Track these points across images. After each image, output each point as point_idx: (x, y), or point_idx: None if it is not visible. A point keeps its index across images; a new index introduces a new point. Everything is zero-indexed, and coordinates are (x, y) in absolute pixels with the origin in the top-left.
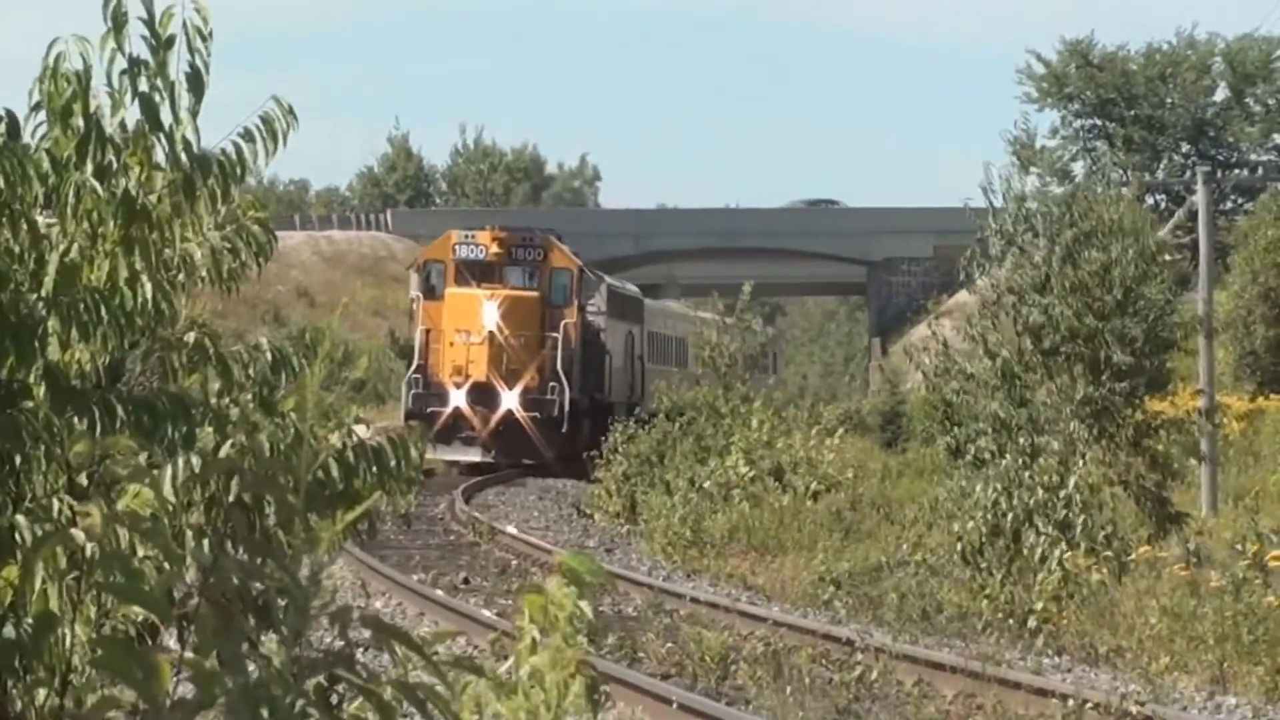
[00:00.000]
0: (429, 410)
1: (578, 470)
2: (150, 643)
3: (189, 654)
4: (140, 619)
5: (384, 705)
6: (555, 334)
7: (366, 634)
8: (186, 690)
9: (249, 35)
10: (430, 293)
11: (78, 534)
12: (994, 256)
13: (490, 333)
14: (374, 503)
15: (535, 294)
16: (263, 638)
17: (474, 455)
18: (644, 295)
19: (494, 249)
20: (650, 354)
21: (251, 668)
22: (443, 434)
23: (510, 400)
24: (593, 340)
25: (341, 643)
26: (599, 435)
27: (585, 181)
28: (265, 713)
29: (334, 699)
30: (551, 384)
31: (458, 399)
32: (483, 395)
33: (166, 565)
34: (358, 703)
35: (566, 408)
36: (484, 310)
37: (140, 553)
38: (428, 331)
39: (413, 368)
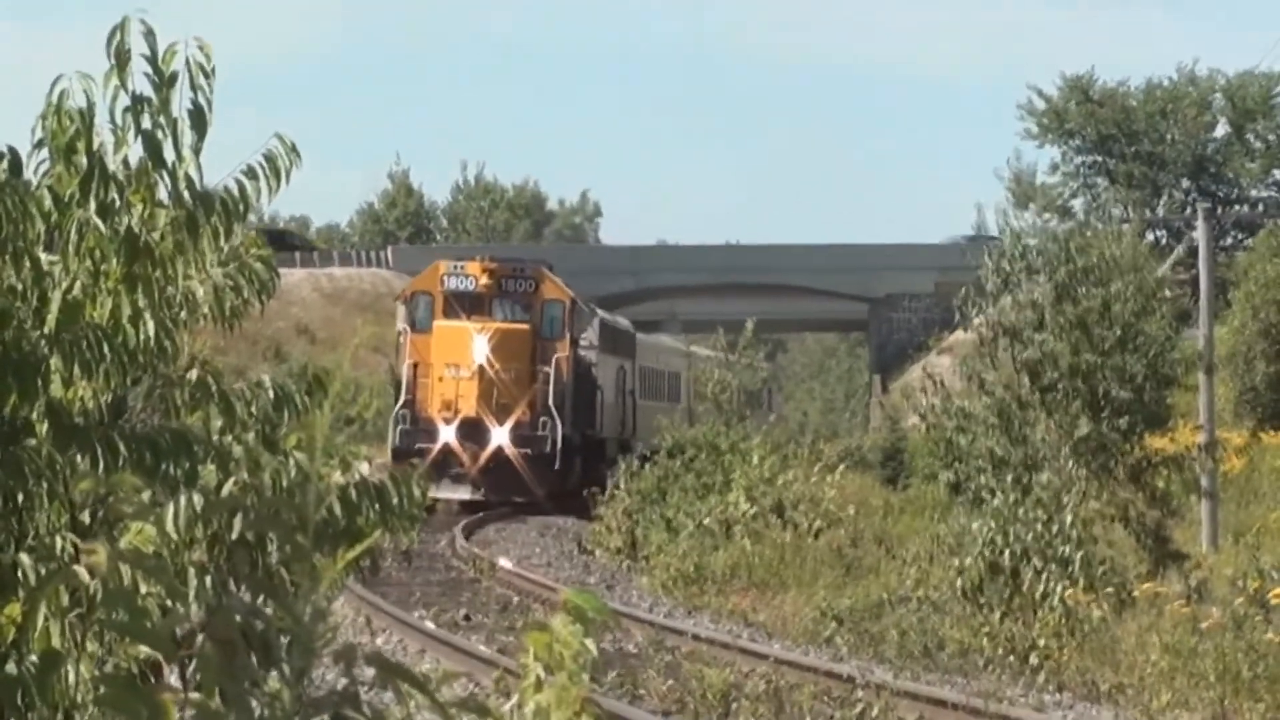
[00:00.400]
0: (417, 446)
1: (570, 508)
2: (153, 681)
3: (193, 693)
4: (143, 657)
5: None
6: (547, 368)
7: (371, 672)
8: None
9: (249, 73)
10: (418, 325)
11: (82, 571)
12: (990, 294)
13: (480, 367)
14: (377, 540)
15: (526, 327)
16: (267, 676)
17: (464, 493)
18: (644, 331)
19: (484, 280)
20: (642, 389)
21: (255, 705)
22: (431, 471)
23: (501, 436)
24: (585, 374)
25: (346, 681)
26: (590, 472)
27: (586, 218)
28: None
29: None
30: (543, 419)
31: (447, 435)
32: (472, 431)
33: (169, 603)
34: None
35: (559, 444)
36: (474, 343)
37: (144, 590)
38: (415, 365)
39: (400, 403)
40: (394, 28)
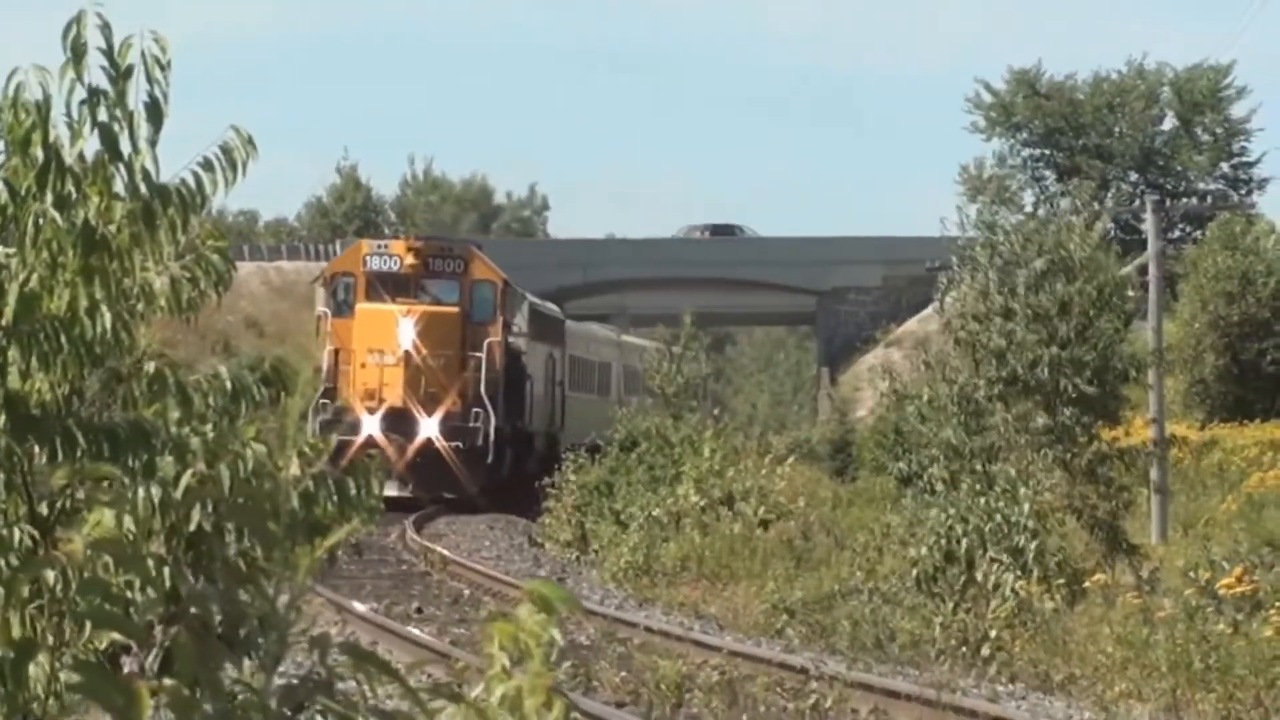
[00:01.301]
0: (337, 439)
1: (504, 504)
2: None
3: (167, 680)
4: (102, 648)
5: None
6: (478, 354)
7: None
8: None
9: (198, 66)
10: (339, 309)
11: (61, 559)
12: (956, 283)
13: (406, 353)
14: (354, 530)
15: (456, 310)
16: (240, 663)
17: (390, 490)
18: (594, 324)
19: (409, 260)
20: (571, 380)
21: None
22: None
23: (429, 428)
24: (514, 363)
25: (319, 668)
26: (519, 468)
27: (534, 211)
28: None
29: None
30: (475, 410)
31: (370, 427)
32: (398, 422)
33: (131, 593)
34: None
35: (492, 436)
36: (399, 328)
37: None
38: (336, 351)
39: (319, 392)
40: (338, 16)
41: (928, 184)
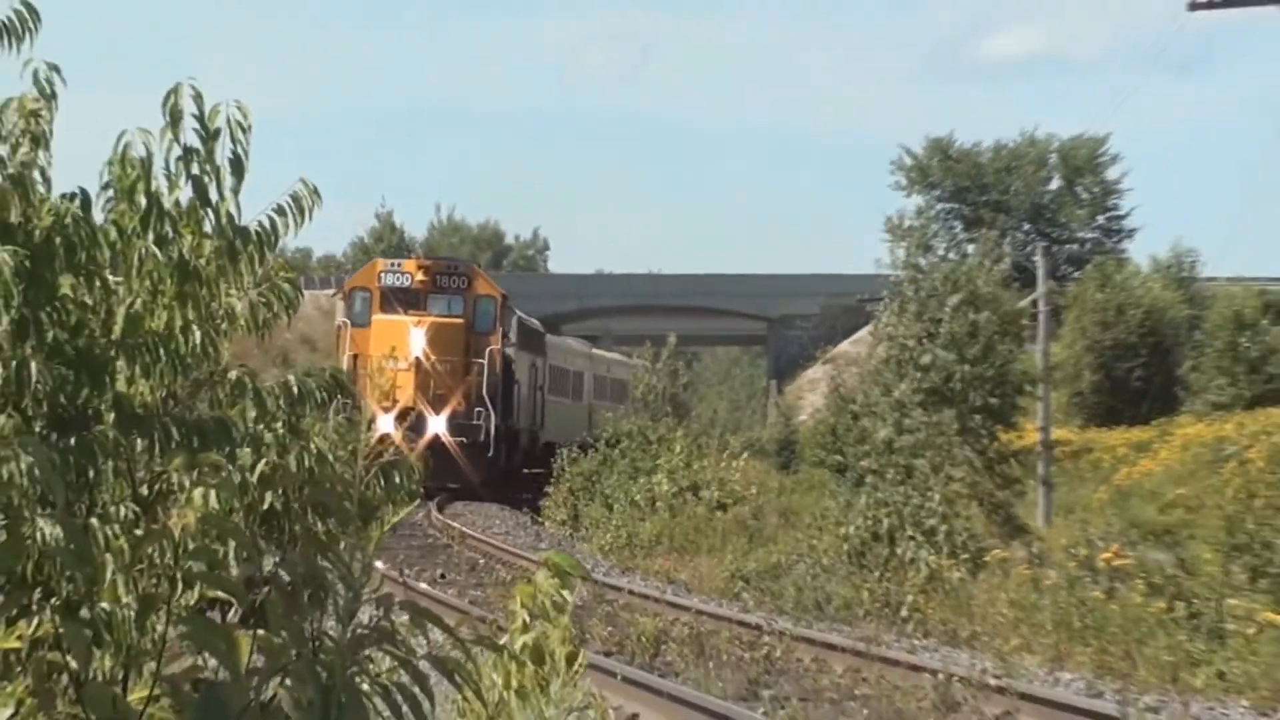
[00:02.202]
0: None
1: (499, 492)
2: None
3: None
4: (194, 602)
5: (419, 674)
6: (480, 360)
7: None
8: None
9: (272, 130)
10: (356, 320)
11: (172, 532)
12: (889, 310)
13: (417, 359)
14: (410, 512)
15: (460, 321)
16: (320, 618)
17: None
18: (570, 339)
19: (419, 277)
20: (550, 385)
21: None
22: None
23: (438, 425)
24: (506, 368)
25: (383, 621)
26: (510, 460)
27: (537, 250)
28: (325, 677)
29: (375, 669)
30: (478, 409)
31: (385, 424)
32: (410, 421)
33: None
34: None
35: (492, 433)
36: (411, 337)
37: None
38: (355, 357)
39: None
40: (379, 94)
41: (858, 230)
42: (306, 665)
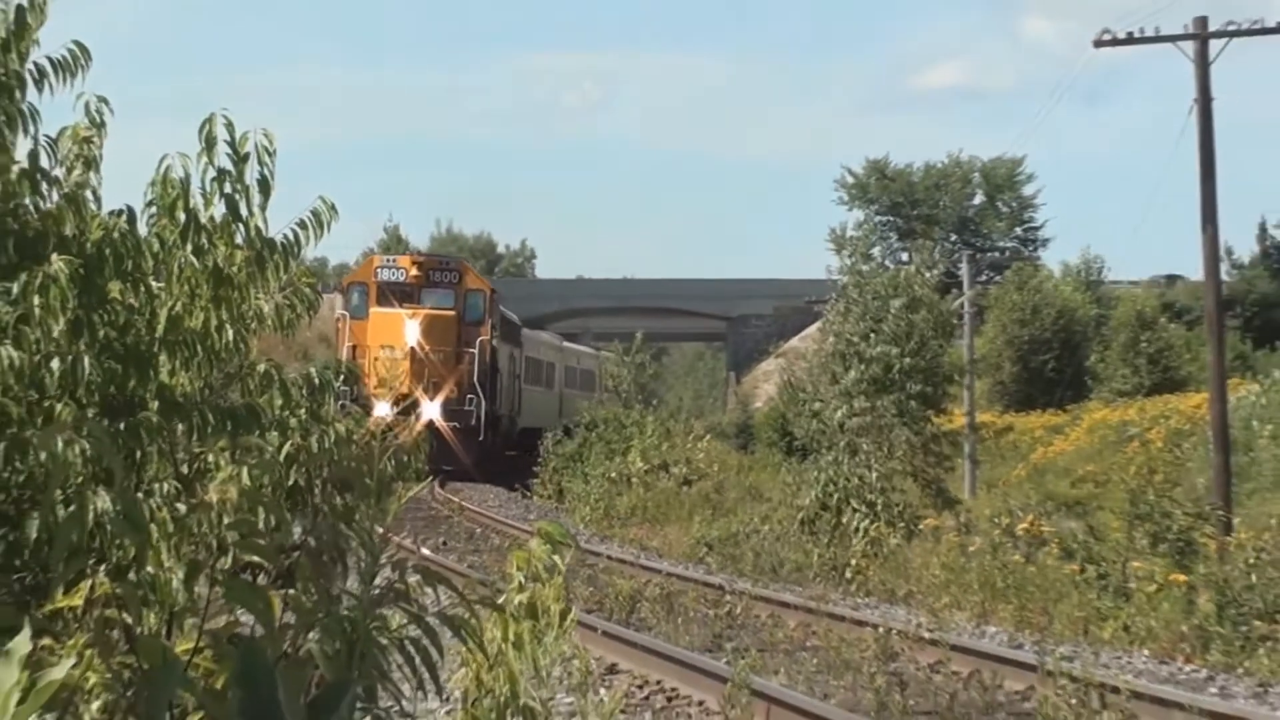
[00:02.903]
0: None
1: (490, 475)
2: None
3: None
4: (229, 566)
5: (430, 629)
6: (471, 350)
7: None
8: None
9: (295, 156)
10: (354, 312)
11: (215, 505)
12: (841, 314)
13: (412, 349)
14: (425, 487)
15: (452, 313)
16: (345, 579)
17: None
18: (565, 341)
19: (413, 272)
20: (525, 375)
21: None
22: None
23: (432, 411)
24: (493, 358)
25: (399, 583)
26: (495, 444)
27: (525, 258)
28: (348, 631)
29: (391, 624)
30: (469, 396)
31: (382, 410)
32: (406, 406)
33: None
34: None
35: (483, 418)
36: (406, 328)
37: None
38: (354, 347)
39: (339, 381)
40: (389, 125)
41: (806, 240)
42: (332, 621)
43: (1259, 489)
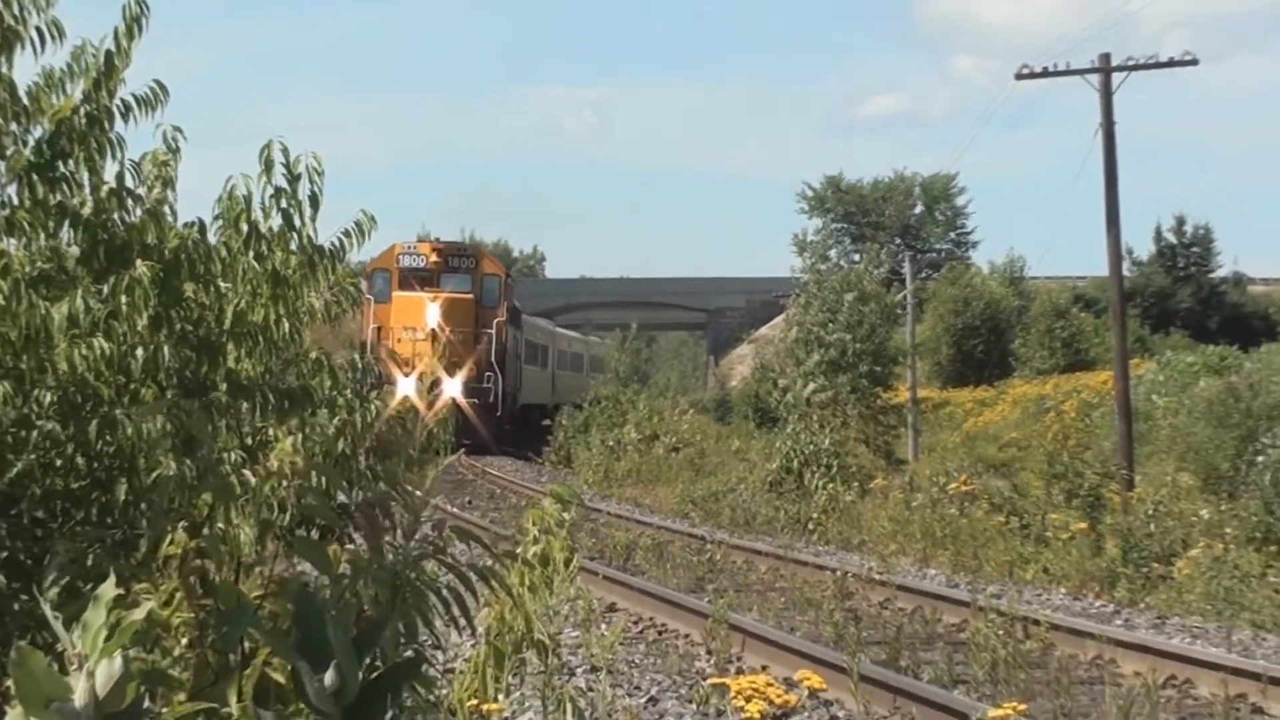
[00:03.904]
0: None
1: (507, 449)
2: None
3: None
4: (286, 522)
5: (464, 577)
6: (489, 330)
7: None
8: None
9: (341, 176)
10: (378, 296)
11: (285, 469)
12: (803, 306)
13: (433, 330)
14: (456, 458)
15: (470, 296)
16: (393, 535)
17: None
18: (556, 327)
19: (433, 258)
20: (524, 355)
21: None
22: None
23: (454, 389)
24: (504, 338)
25: (437, 539)
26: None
27: (537, 261)
28: (394, 579)
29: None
30: (487, 374)
31: (406, 387)
32: (428, 385)
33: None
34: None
35: (500, 395)
36: (427, 310)
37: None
38: (378, 329)
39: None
40: (422, 146)
41: (773, 244)
42: (382, 571)
43: (1156, 452)
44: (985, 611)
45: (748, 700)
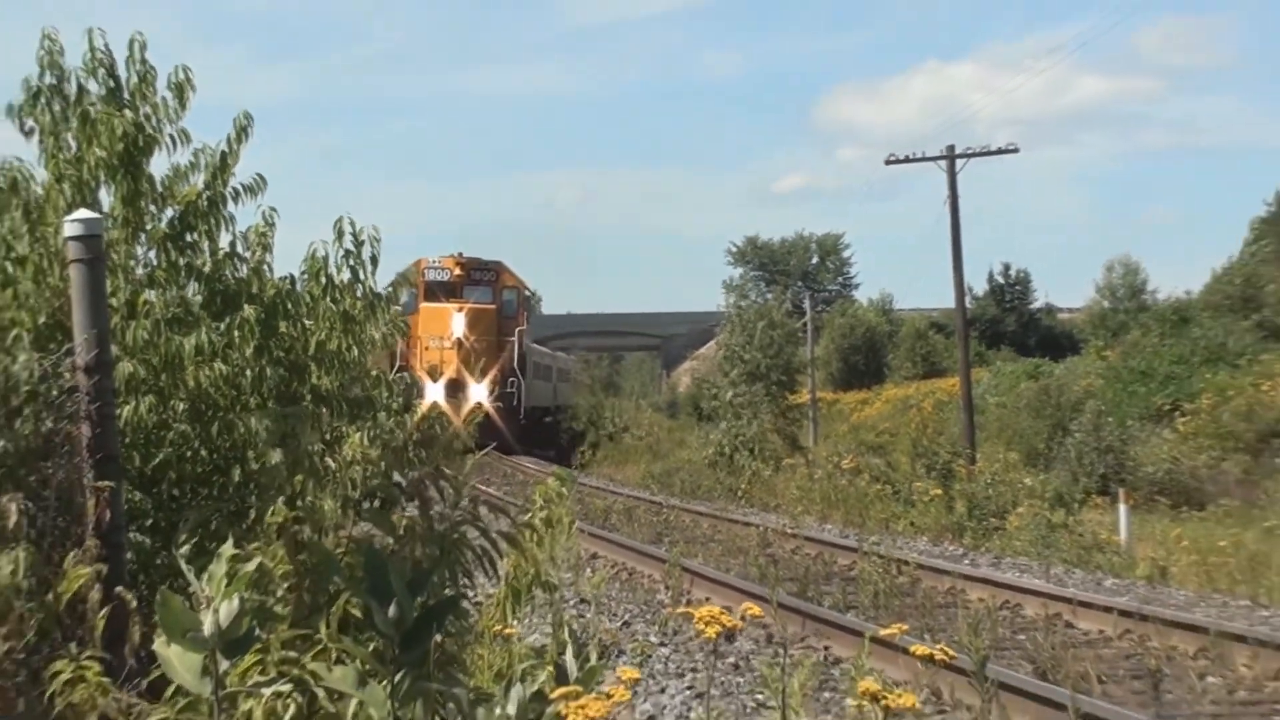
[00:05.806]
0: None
1: (525, 450)
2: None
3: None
4: (358, 497)
5: (493, 540)
6: (510, 339)
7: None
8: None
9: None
10: (405, 308)
11: (356, 457)
12: (729, 333)
13: (458, 339)
14: (488, 450)
15: (492, 307)
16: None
17: None
18: (559, 353)
19: (457, 271)
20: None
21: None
22: None
23: (480, 393)
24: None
25: (472, 510)
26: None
27: (535, 300)
28: (442, 539)
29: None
30: (510, 380)
31: (434, 393)
32: (454, 390)
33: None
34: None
35: (522, 400)
36: (453, 321)
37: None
38: (406, 339)
39: (395, 369)
40: (448, 212)
41: (709, 286)
42: (431, 535)
43: (989, 436)
44: (869, 555)
45: (707, 625)
